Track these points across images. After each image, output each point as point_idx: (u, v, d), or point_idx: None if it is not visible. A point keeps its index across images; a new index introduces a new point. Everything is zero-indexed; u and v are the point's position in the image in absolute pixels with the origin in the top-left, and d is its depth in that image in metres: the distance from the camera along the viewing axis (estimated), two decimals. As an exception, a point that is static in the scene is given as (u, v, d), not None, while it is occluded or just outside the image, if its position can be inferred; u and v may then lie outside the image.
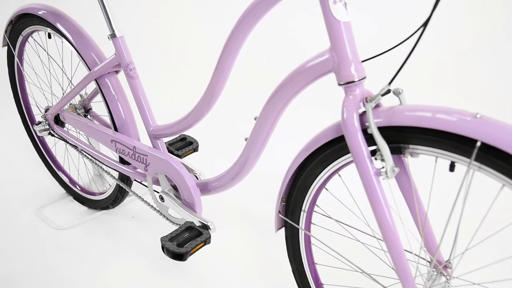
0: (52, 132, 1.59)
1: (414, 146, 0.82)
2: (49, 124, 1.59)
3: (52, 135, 1.60)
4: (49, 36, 1.49)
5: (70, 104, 1.53)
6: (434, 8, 0.75)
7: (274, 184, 1.28)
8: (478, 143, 0.71)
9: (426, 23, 0.77)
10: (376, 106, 0.86)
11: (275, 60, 2.57)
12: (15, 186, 1.89)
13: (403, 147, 0.83)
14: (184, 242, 1.15)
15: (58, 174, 1.81)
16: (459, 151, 0.75)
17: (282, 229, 1.14)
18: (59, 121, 1.58)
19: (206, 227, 1.19)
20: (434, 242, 0.94)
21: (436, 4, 0.74)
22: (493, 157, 0.71)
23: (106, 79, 1.36)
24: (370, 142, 0.84)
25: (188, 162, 1.34)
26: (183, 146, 1.49)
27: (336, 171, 0.97)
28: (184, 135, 1.53)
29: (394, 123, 0.81)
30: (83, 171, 1.81)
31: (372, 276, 1.02)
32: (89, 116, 1.54)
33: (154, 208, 1.38)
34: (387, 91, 0.83)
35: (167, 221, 1.33)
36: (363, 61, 0.88)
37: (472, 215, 1.03)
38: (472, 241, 0.98)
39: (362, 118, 0.85)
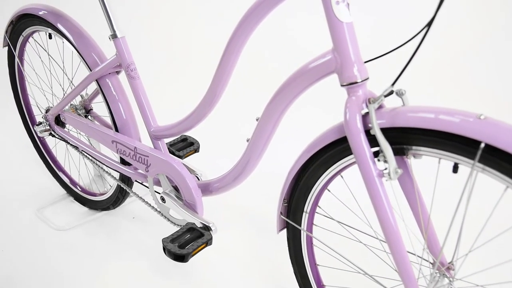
0: (53, 133, 1.59)
1: (417, 148, 0.81)
2: (49, 125, 1.59)
3: (53, 135, 1.60)
4: (49, 37, 1.48)
5: (71, 105, 1.53)
6: (438, 8, 0.74)
7: (276, 184, 1.28)
8: (482, 145, 0.71)
9: (430, 23, 0.76)
10: (379, 107, 0.86)
11: (277, 60, 2.56)
12: (15, 186, 1.89)
13: (406, 149, 0.83)
14: (185, 244, 1.14)
15: (59, 174, 1.81)
16: (463, 153, 0.75)
17: (284, 230, 1.14)
18: (59, 121, 1.57)
19: (207, 228, 1.18)
20: (437, 243, 0.94)
21: (440, 4, 0.74)
22: (497, 158, 0.71)
23: (107, 80, 1.35)
24: (373, 143, 0.84)
25: (190, 163, 1.34)
26: (184, 146, 1.49)
27: (339, 172, 0.97)
28: (185, 135, 1.53)
29: (397, 124, 0.81)
30: (83, 171, 1.81)
31: (375, 277, 1.02)
32: (90, 117, 1.54)
33: (155, 209, 1.37)
34: (390, 92, 0.83)
35: (168, 222, 1.33)
36: (366, 62, 0.87)
37: (476, 217, 1.03)
38: (476, 242, 0.97)
39: (364, 119, 0.84)
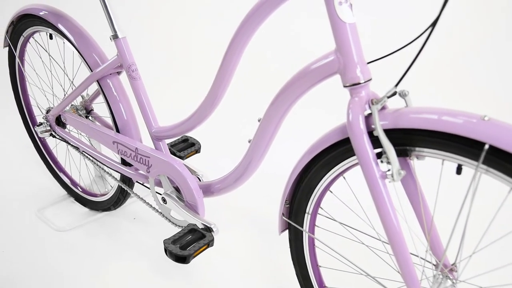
0: (54, 133, 1.59)
1: (421, 149, 0.81)
2: (50, 125, 1.58)
3: (54, 136, 1.60)
4: (50, 37, 1.48)
5: (72, 105, 1.52)
6: (443, 8, 0.74)
7: (278, 185, 1.27)
8: (486, 146, 0.70)
9: (434, 24, 0.75)
10: (382, 108, 0.85)
11: (280, 61, 2.56)
12: (15, 186, 1.89)
13: (409, 150, 0.83)
14: (187, 245, 1.14)
15: (59, 175, 1.81)
16: (466, 154, 0.74)
17: (286, 231, 1.14)
18: (60, 122, 1.57)
19: (209, 229, 1.18)
20: (440, 245, 0.93)
21: (445, 4, 0.73)
22: (501, 160, 0.70)
23: (108, 80, 1.35)
24: (376, 144, 0.83)
25: (191, 164, 1.33)
26: (186, 147, 1.48)
27: (341, 173, 0.96)
28: (187, 136, 1.53)
29: (400, 125, 0.80)
30: (84, 172, 1.80)
31: (377, 279, 1.01)
32: (90, 117, 1.53)
33: (156, 210, 1.37)
34: (393, 93, 0.82)
35: (169, 223, 1.32)
36: (369, 62, 0.87)
37: (479, 218, 1.03)
38: (479, 244, 0.97)
39: (367, 120, 0.84)
